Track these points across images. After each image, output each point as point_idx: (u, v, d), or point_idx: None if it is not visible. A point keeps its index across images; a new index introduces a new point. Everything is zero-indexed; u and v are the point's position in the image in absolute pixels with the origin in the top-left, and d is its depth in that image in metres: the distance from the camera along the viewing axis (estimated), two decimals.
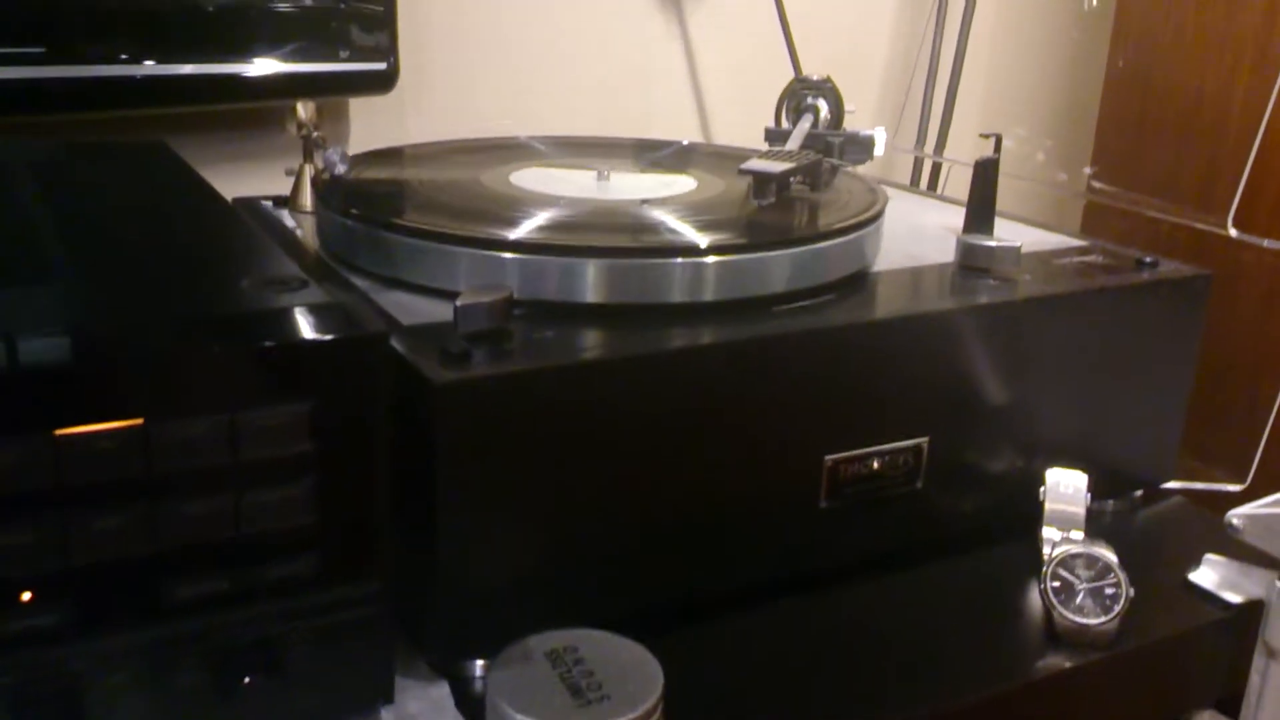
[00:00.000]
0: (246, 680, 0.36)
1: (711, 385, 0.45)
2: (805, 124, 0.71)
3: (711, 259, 0.48)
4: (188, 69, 0.74)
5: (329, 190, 0.55)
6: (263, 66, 0.75)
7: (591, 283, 0.47)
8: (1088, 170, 0.83)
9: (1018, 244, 0.55)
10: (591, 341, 0.45)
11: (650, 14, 0.91)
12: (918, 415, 0.51)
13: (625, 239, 0.49)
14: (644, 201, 0.55)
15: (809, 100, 0.72)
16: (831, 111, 0.73)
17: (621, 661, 0.41)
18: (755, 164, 0.54)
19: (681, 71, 0.94)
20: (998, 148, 0.61)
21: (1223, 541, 0.56)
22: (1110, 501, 0.60)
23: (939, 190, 0.90)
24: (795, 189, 0.57)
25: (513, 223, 0.50)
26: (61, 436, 0.31)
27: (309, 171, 0.61)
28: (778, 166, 0.53)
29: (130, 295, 0.38)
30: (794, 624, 0.48)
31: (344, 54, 0.81)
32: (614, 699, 0.38)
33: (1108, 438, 0.57)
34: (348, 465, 0.36)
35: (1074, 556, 0.49)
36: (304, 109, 0.60)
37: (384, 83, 0.81)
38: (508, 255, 0.47)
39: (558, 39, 0.89)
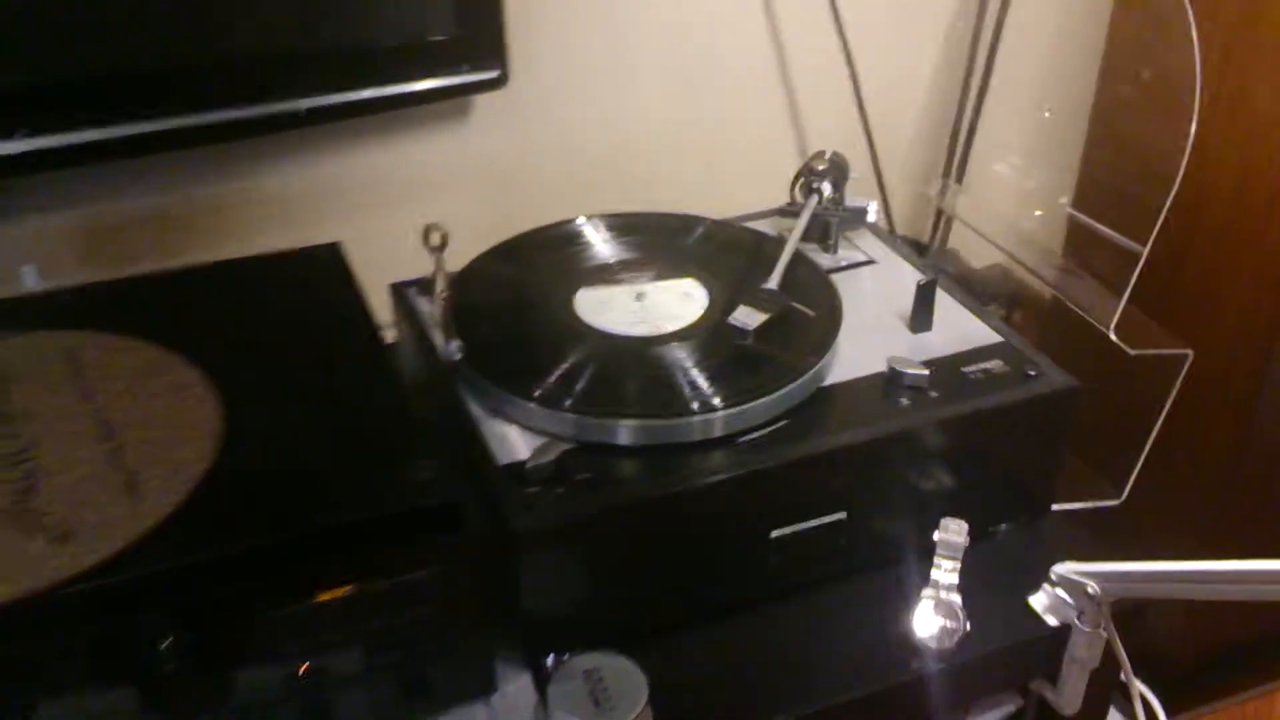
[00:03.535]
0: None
1: (717, 498, 0.71)
2: (812, 203, 0.92)
3: (719, 414, 0.73)
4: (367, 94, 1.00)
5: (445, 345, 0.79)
6: (412, 86, 1.00)
7: (629, 434, 0.72)
8: (1063, 200, 1.01)
9: (926, 373, 0.77)
10: (628, 474, 0.70)
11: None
12: (841, 498, 0.75)
13: (659, 400, 0.73)
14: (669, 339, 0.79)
15: (815, 185, 0.93)
16: (835, 185, 0.94)
17: (624, 678, 0.69)
18: (737, 318, 0.77)
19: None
20: (934, 275, 0.82)
21: (1078, 557, 0.80)
22: (1003, 525, 0.84)
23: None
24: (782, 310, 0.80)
25: (569, 377, 0.75)
26: (308, 603, 0.60)
27: (440, 281, 0.85)
28: (754, 321, 0.76)
29: (307, 484, 0.65)
30: (741, 636, 0.75)
31: (465, 69, 1.05)
32: (617, 709, 0.67)
33: (994, 495, 0.81)
34: (462, 584, 0.64)
35: (933, 601, 0.74)
36: (435, 235, 0.83)
37: (498, 84, 1.05)
38: (569, 415, 0.72)
39: (655, 39, 1.11)
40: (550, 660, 0.72)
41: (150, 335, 0.76)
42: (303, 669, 0.62)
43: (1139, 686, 0.79)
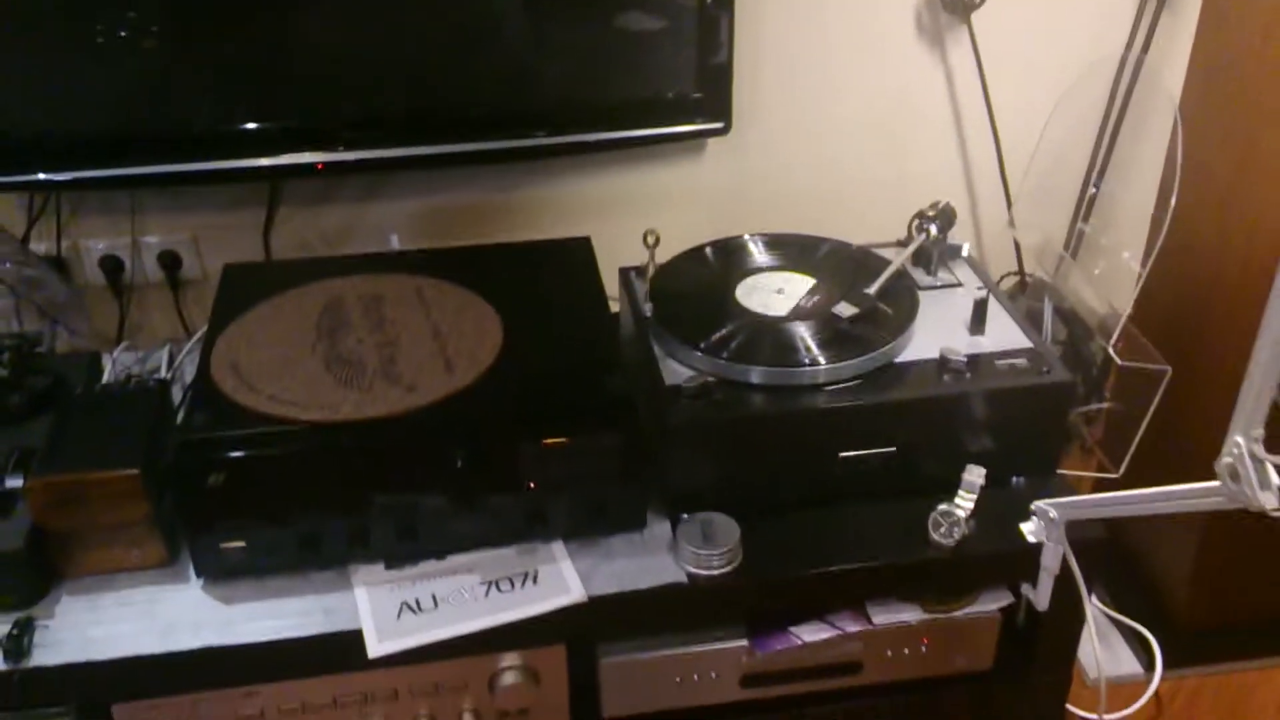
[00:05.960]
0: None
1: (805, 424, 1.09)
2: (920, 238, 1.28)
3: (818, 368, 1.11)
4: (609, 135, 1.43)
5: (643, 305, 1.20)
6: (651, 131, 1.43)
7: (757, 375, 1.11)
8: (1126, 254, 1.31)
9: (965, 360, 1.12)
10: (749, 401, 1.09)
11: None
12: (893, 437, 1.12)
13: (779, 355, 1.12)
14: (793, 318, 1.17)
15: (925, 225, 1.28)
16: (941, 228, 1.29)
17: (726, 529, 1.08)
18: (838, 309, 1.14)
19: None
20: (984, 292, 1.16)
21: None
22: (1021, 479, 1.17)
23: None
24: (870, 308, 1.16)
25: (726, 338, 1.14)
26: (540, 445, 1.02)
27: (650, 268, 1.26)
28: (848, 312, 1.14)
29: (548, 380, 1.07)
30: (809, 519, 1.13)
31: (699, 120, 1.46)
32: (719, 544, 1.06)
33: (1009, 453, 1.14)
34: (633, 452, 1.05)
35: (943, 511, 1.09)
36: (650, 237, 1.24)
37: (723, 133, 1.46)
38: (719, 360, 1.12)
39: (853, 106, 1.50)
40: (683, 516, 1.12)
41: (466, 284, 1.21)
42: (531, 485, 1.05)
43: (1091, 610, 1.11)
